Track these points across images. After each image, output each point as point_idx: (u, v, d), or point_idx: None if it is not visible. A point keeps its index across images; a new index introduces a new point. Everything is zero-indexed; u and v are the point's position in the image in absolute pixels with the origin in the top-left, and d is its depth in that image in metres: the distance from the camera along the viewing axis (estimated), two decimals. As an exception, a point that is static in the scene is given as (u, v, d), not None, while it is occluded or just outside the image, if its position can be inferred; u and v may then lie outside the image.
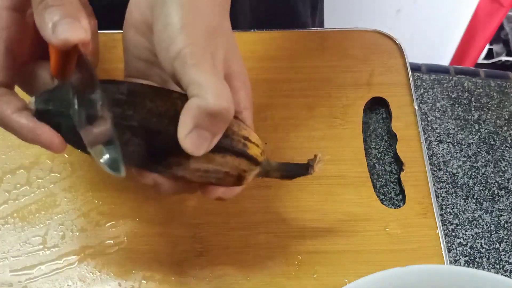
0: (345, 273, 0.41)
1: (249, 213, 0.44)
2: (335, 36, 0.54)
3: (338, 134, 0.48)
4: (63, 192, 0.44)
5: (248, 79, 0.37)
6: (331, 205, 0.44)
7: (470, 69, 0.55)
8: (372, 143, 0.49)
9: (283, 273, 0.41)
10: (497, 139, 0.50)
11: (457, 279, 0.33)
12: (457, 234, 0.45)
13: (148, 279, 0.41)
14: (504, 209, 0.46)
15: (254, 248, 0.42)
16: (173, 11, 0.32)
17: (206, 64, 0.31)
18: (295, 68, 0.52)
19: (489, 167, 0.48)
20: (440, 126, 0.50)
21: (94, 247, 0.42)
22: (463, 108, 0.52)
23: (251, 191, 0.44)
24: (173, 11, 0.32)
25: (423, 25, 1.27)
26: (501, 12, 1.25)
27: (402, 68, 0.52)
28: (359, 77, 0.51)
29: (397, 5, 1.25)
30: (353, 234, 0.43)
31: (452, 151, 0.49)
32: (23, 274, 0.41)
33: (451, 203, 0.46)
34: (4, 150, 0.46)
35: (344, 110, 0.49)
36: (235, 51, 0.36)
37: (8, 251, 0.42)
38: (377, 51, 0.53)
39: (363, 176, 0.46)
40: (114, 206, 0.44)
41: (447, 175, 0.47)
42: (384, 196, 0.46)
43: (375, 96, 0.50)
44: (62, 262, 0.41)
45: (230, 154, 0.34)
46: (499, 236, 0.44)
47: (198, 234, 0.43)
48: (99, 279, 0.41)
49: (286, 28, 0.54)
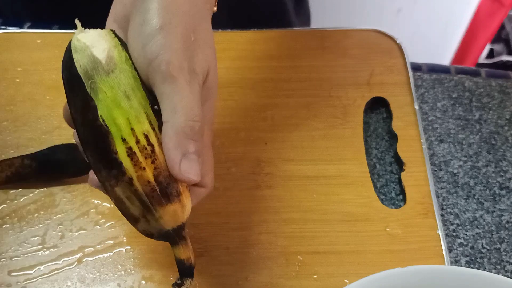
0: (346, 274, 0.41)
1: (249, 213, 0.44)
2: (335, 36, 0.54)
3: (338, 134, 0.48)
4: (62, 192, 0.44)
5: (216, 89, 0.36)
6: (331, 205, 0.44)
7: (471, 69, 0.55)
8: (372, 143, 0.49)
9: (283, 273, 0.41)
10: (498, 139, 0.49)
11: (458, 280, 0.32)
12: (458, 234, 0.44)
13: (147, 279, 0.40)
14: (505, 209, 0.46)
15: (254, 248, 0.42)
16: (153, 8, 0.32)
17: (181, 79, 0.32)
18: (295, 67, 0.51)
19: (490, 167, 0.48)
20: (440, 126, 0.50)
21: (93, 247, 0.42)
22: (464, 108, 0.51)
23: (251, 191, 0.44)
24: (153, 8, 0.32)
25: (423, 24, 1.27)
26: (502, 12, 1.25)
27: (402, 68, 0.52)
28: (360, 76, 0.51)
29: (397, 5, 1.25)
30: (353, 234, 0.43)
31: (453, 151, 0.49)
32: (22, 275, 0.40)
33: (452, 203, 0.46)
34: (3, 150, 0.46)
35: (344, 110, 0.49)
36: (212, 56, 0.36)
37: (7, 252, 0.41)
38: (378, 50, 0.53)
39: (364, 176, 0.46)
40: (113, 206, 0.44)
41: (448, 175, 0.47)
42: (384, 196, 0.46)
43: (376, 96, 0.50)
44: (61, 262, 0.41)
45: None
46: (500, 236, 0.44)
47: (198, 235, 0.42)
48: (98, 280, 0.40)
49: (267, 20, 0.54)
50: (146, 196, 0.32)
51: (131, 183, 0.31)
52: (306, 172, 0.46)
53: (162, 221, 0.32)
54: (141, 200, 0.32)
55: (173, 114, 0.31)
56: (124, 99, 0.32)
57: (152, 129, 0.32)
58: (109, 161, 0.31)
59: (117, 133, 0.31)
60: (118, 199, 0.32)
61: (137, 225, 0.33)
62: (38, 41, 0.53)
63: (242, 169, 0.46)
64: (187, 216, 0.34)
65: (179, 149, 0.31)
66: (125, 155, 0.31)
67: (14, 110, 0.49)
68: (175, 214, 0.32)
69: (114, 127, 0.31)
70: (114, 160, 0.31)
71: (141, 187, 0.31)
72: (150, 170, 0.31)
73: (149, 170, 0.31)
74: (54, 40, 0.53)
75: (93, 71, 0.32)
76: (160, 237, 0.33)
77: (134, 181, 0.31)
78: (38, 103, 0.49)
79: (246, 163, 0.46)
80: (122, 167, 0.31)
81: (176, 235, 0.33)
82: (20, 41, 0.53)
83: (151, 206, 0.32)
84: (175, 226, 0.33)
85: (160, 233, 0.33)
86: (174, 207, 0.32)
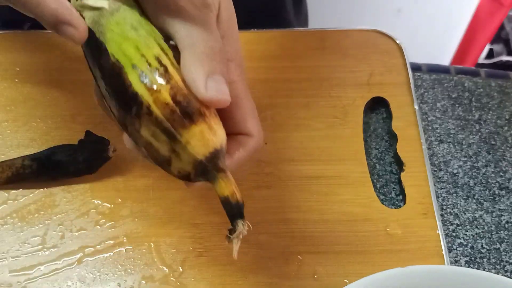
0: (346, 274, 0.41)
1: (249, 213, 0.43)
2: (335, 36, 0.54)
3: (338, 134, 0.48)
4: (62, 192, 0.44)
5: (233, 24, 0.34)
6: (331, 205, 0.44)
7: (470, 69, 0.55)
8: (372, 143, 0.49)
9: (283, 273, 0.41)
10: (497, 139, 0.49)
11: (457, 280, 0.33)
12: (457, 234, 0.44)
13: (147, 279, 0.40)
14: (505, 209, 0.46)
15: (254, 248, 0.42)
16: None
17: (191, 10, 0.30)
18: (295, 67, 0.51)
19: (489, 167, 0.48)
20: (440, 126, 0.50)
21: (93, 247, 0.42)
22: (464, 108, 0.51)
23: (251, 192, 0.44)
24: None
25: (423, 25, 1.27)
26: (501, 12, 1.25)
27: (402, 68, 0.52)
28: (360, 76, 0.51)
29: (397, 5, 1.25)
30: (353, 234, 0.43)
31: (453, 151, 0.49)
32: (22, 275, 0.41)
33: (452, 203, 0.46)
34: (3, 150, 0.46)
35: (344, 110, 0.49)
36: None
37: (7, 252, 0.42)
38: (378, 51, 0.53)
39: (364, 176, 0.46)
40: (114, 206, 0.44)
41: (448, 175, 0.47)
42: (384, 196, 0.46)
43: (376, 96, 0.50)
44: (61, 262, 0.41)
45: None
46: (499, 236, 0.44)
47: (198, 235, 0.42)
48: (98, 280, 0.40)
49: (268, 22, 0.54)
50: (168, 121, 0.29)
51: (150, 112, 0.29)
52: (306, 172, 0.46)
53: (190, 147, 0.29)
54: (164, 129, 0.29)
55: (190, 44, 0.30)
56: (131, 31, 0.31)
57: (165, 53, 0.30)
58: (128, 99, 0.30)
59: (128, 63, 0.30)
60: (148, 144, 0.30)
61: (171, 168, 0.31)
62: (38, 42, 0.53)
63: (242, 169, 0.46)
64: (220, 144, 0.30)
65: (201, 69, 0.29)
66: (138, 82, 0.29)
67: (14, 111, 0.49)
68: (203, 136, 0.29)
69: (125, 58, 0.30)
70: (131, 94, 0.29)
71: (160, 112, 0.29)
72: (165, 91, 0.29)
73: (164, 91, 0.29)
74: (54, 41, 0.53)
75: (99, 17, 0.31)
76: (197, 174, 0.30)
77: (152, 107, 0.29)
78: (38, 103, 0.49)
79: (246, 163, 0.46)
80: (139, 97, 0.29)
81: (212, 166, 0.30)
82: (20, 41, 0.53)
83: (175, 131, 0.29)
84: (207, 153, 0.30)
85: (195, 168, 0.30)
86: (199, 128, 0.29)
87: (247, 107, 0.33)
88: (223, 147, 0.31)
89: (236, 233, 0.30)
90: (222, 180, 0.30)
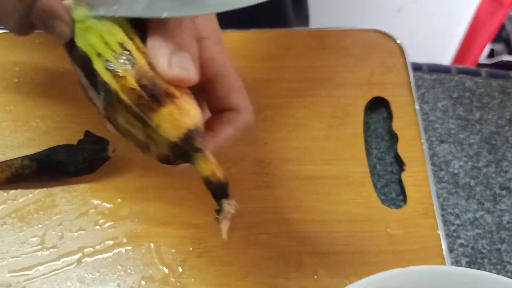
0: (346, 274, 0.41)
1: (249, 213, 0.43)
2: (335, 36, 0.53)
3: (338, 134, 0.48)
4: (62, 192, 0.44)
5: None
6: (332, 205, 0.44)
7: (471, 69, 0.54)
8: (373, 143, 0.49)
9: (283, 274, 0.41)
10: (498, 139, 0.49)
11: (458, 280, 0.32)
12: (458, 234, 0.44)
13: (147, 280, 0.40)
14: (506, 210, 0.45)
15: (254, 248, 0.42)
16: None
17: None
18: (295, 67, 0.51)
19: (490, 167, 0.48)
20: (441, 126, 0.50)
21: (93, 248, 0.42)
22: (465, 108, 0.51)
23: (251, 192, 0.44)
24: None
25: (424, 24, 1.27)
26: (502, 12, 1.25)
27: (403, 68, 0.51)
28: (360, 76, 0.51)
29: (398, 4, 1.25)
30: (353, 234, 0.43)
31: (454, 151, 0.49)
32: (22, 275, 0.40)
33: (453, 203, 0.46)
34: (3, 150, 0.46)
35: (344, 110, 0.49)
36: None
37: (6, 252, 0.41)
38: (378, 50, 0.53)
39: (364, 176, 0.46)
40: (113, 206, 0.44)
41: (448, 175, 0.47)
42: (385, 197, 0.46)
43: (376, 96, 0.50)
44: (60, 262, 0.41)
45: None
46: (500, 236, 0.44)
47: (198, 235, 0.42)
48: (98, 280, 0.40)
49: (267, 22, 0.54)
50: (137, 106, 0.29)
51: (120, 99, 0.29)
52: (306, 172, 0.45)
53: (161, 130, 0.29)
54: (135, 114, 0.29)
55: (155, 23, 0.29)
56: (96, 22, 0.31)
57: (130, 39, 0.30)
58: (100, 89, 0.30)
59: (93, 53, 0.30)
60: (127, 132, 0.30)
61: (150, 152, 0.31)
62: (37, 41, 0.53)
63: (242, 169, 0.46)
64: (194, 123, 0.30)
65: (165, 46, 0.29)
66: (104, 70, 0.29)
67: (14, 111, 0.49)
68: (172, 118, 0.29)
69: (90, 49, 0.30)
70: (101, 83, 0.30)
71: (127, 98, 0.29)
72: (130, 76, 0.29)
73: (129, 76, 0.29)
74: (54, 40, 0.53)
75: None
76: (176, 157, 0.30)
77: (120, 94, 0.29)
78: (38, 103, 0.49)
79: (246, 163, 0.46)
80: (107, 85, 0.29)
81: (188, 147, 0.29)
82: (20, 41, 0.53)
83: (145, 116, 0.29)
84: (180, 134, 0.29)
85: (172, 151, 0.30)
86: (168, 109, 0.29)
87: (229, 82, 0.33)
88: (198, 126, 0.30)
89: (223, 213, 0.30)
90: (200, 161, 0.30)
